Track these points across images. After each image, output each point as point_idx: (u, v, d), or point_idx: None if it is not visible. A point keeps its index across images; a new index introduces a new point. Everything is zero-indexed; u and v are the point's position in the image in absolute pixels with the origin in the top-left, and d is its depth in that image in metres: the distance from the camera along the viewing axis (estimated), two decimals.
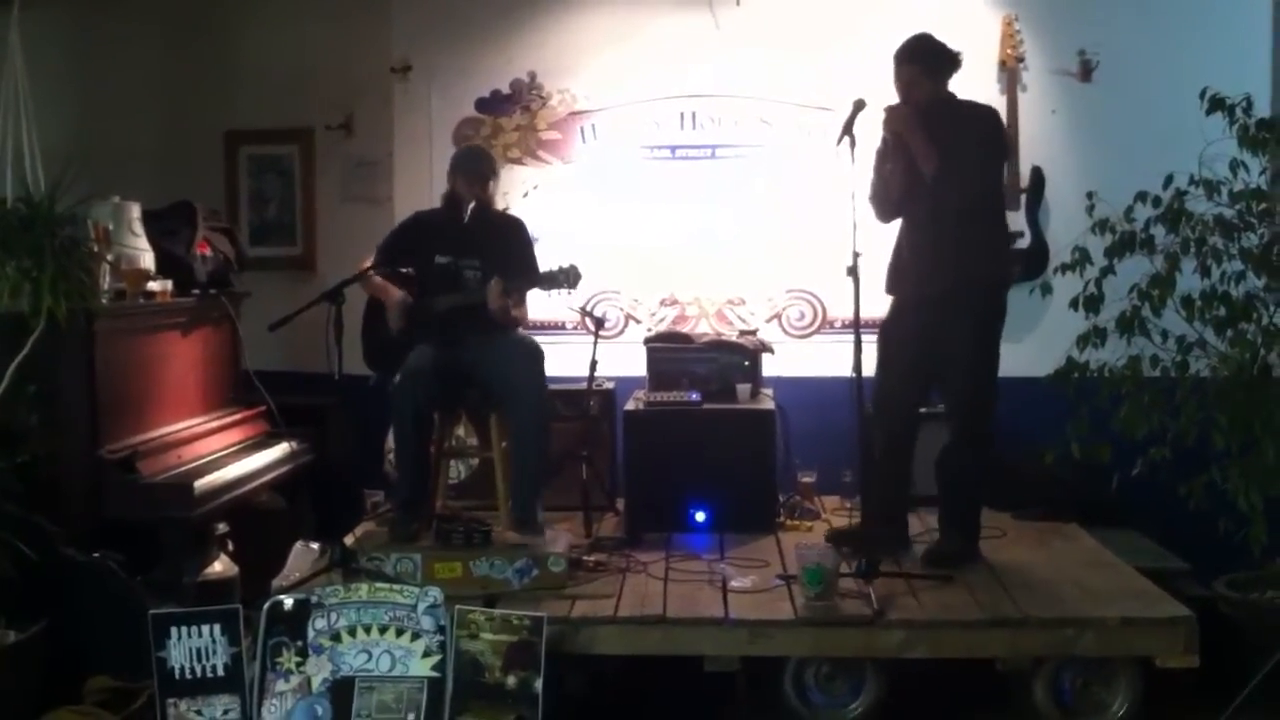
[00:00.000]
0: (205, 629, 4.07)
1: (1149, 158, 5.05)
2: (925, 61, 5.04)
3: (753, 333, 6.40)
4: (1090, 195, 5.05)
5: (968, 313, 5.02)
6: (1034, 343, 6.14)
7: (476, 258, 5.33)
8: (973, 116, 5.09)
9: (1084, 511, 5.73)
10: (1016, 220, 6.25)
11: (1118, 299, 4.91)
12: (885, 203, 5.13)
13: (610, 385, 6.22)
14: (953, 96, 5.13)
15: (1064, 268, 5.07)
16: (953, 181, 4.93)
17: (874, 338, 5.17)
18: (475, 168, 5.41)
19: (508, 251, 5.34)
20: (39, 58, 5.52)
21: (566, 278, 5.15)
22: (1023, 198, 6.26)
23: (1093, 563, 5.10)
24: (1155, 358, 4.89)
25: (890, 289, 5.20)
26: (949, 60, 5.07)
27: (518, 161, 6.60)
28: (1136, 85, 6.20)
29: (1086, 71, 6.30)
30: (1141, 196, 4.92)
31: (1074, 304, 5.02)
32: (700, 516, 5.65)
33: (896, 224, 5.22)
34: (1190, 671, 4.30)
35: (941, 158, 4.90)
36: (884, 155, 5.13)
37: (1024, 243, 6.24)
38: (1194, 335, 4.87)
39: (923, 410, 5.34)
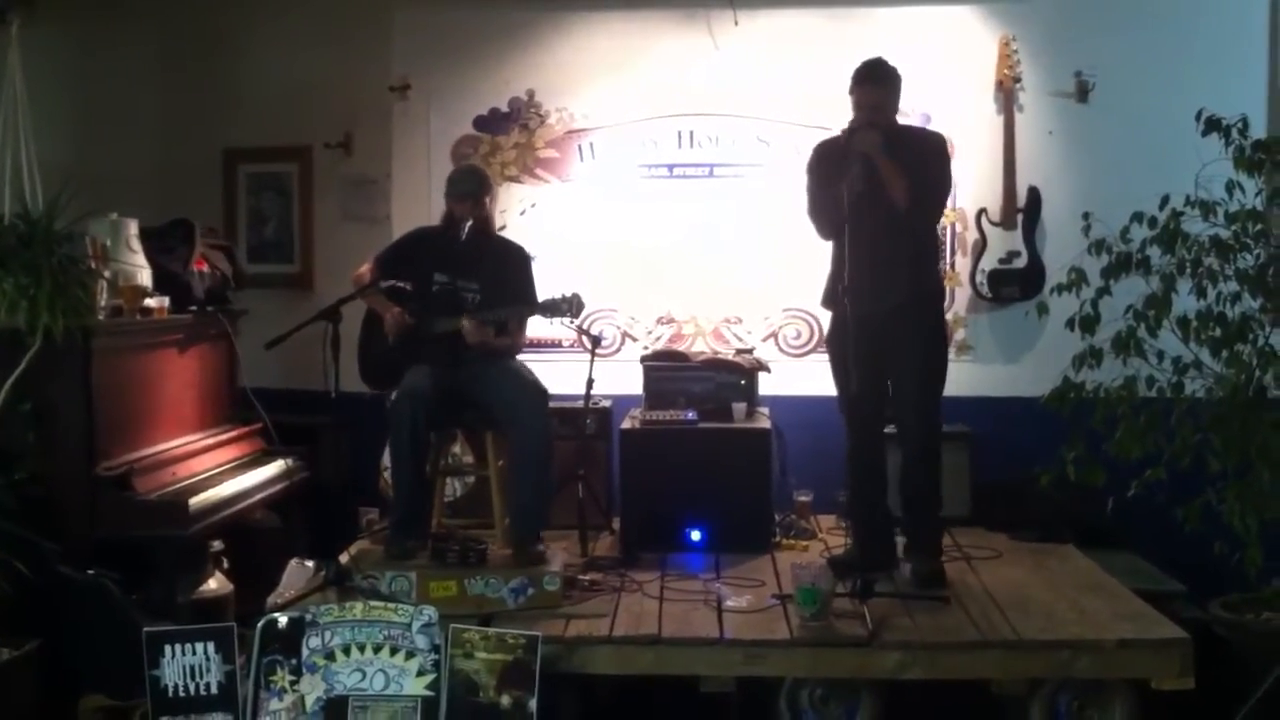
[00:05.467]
0: (199, 647, 4.07)
1: (1145, 178, 5.04)
2: (893, 85, 5.08)
3: (749, 351, 6.40)
4: (1086, 216, 5.05)
5: (920, 326, 5.10)
6: (1030, 363, 6.19)
7: (475, 280, 5.33)
8: (925, 142, 5.21)
9: (1080, 533, 5.74)
10: (1013, 240, 6.28)
11: (1114, 320, 4.90)
12: (835, 220, 5.05)
13: (606, 404, 6.22)
14: (899, 123, 5.21)
15: (1060, 288, 5.06)
16: (918, 205, 4.98)
17: None
18: (461, 188, 5.39)
19: (506, 277, 5.34)
20: (38, 75, 5.54)
21: (570, 306, 5.16)
22: (1019, 218, 6.28)
23: (1088, 584, 5.09)
24: (1151, 378, 4.88)
25: (831, 304, 5.19)
26: (899, 84, 5.11)
27: (515, 180, 6.61)
28: (1133, 106, 6.23)
29: (1083, 92, 6.32)
30: (1138, 217, 4.91)
31: (1070, 324, 5.01)
32: (696, 535, 5.65)
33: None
34: (1186, 694, 4.28)
35: (910, 182, 4.93)
36: (827, 174, 5.10)
37: (1020, 263, 6.27)
38: (1190, 356, 4.86)
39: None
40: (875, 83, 5.04)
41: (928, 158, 5.09)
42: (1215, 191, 4.77)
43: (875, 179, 4.93)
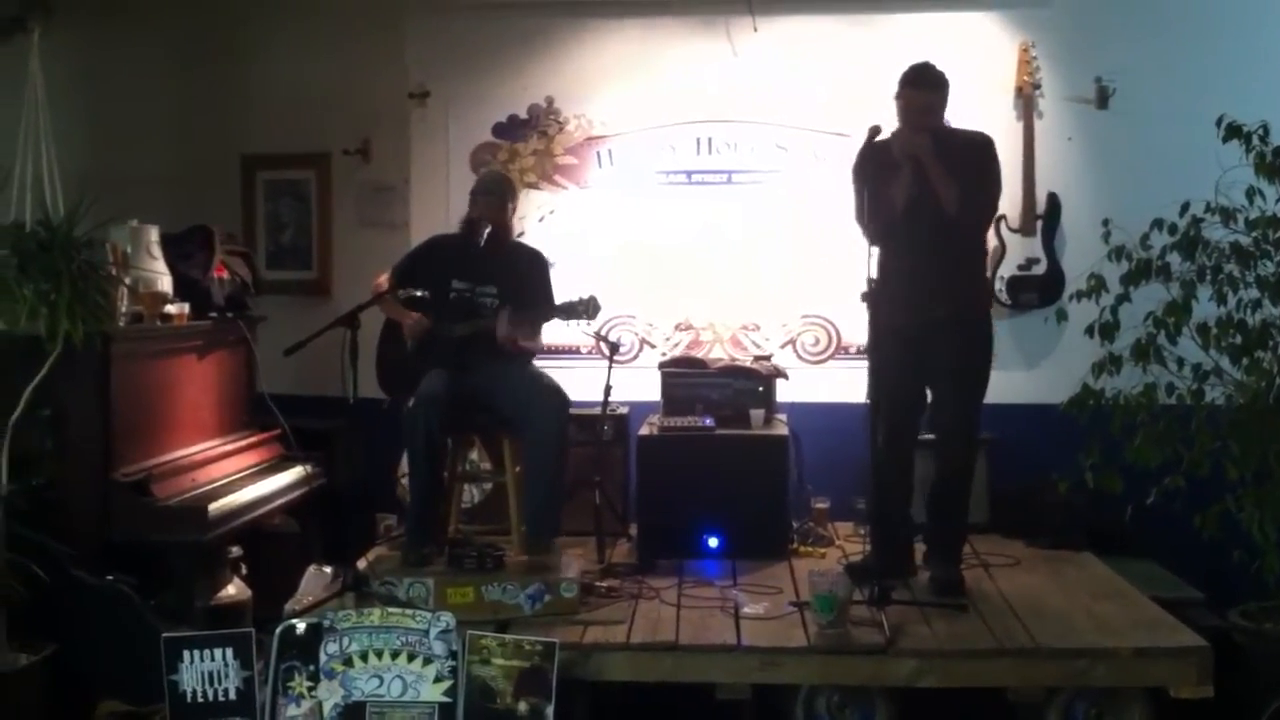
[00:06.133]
0: (218, 653, 4.07)
1: (1165, 185, 5.04)
2: (942, 88, 5.02)
3: (767, 358, 6.38)
4: (1106, 222, 5.05)
5: (968, 337, 5.05)
6: (1049, 370, 6.17)
7: (493, 285, 5.35)
8: (972, 144, 5.09)
9: (1097, 540, 5.70)
10: (1032, 247, 6.25)
11: (1133, 326, 4.89)
12: (883, 224, 5.01)
13: (624, 410, 6.20)
14: (946, 124, 5.14)
15: (1079, 295, 5.06)
16: (970, 210, 4.94)
17: None
18: (487, 189, 5.43)
19: (525, 281, 5.36)
20: (58, 83, 5.56)
21: (586, 309, 5.16)
22: (1038, 224, 6.26)
23: (1106, 592, 5.07)
24: (1171, 385, 4.87)
25: (878, 314, 5.05)
26: (948, 89, 5.06)
27: (534, 186, 6.61)
28: (1153, 112, 6.19)
29: (1103, 98, 6.29)
30: (1157, 224, 4.91)
31: (1089, 331, 5.01)
32: (713, 542, 5.63)
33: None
34: (1204, 702, 4.26)
35: (960, 187, 4.88)
36: (872, 177, 4.99)
37: (1040, 269, 6.24)
38: (1210, 363, 4.85)
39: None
40: (924, 86, 4.97)
41: (977, 160, 5.02)
42: (1235, 198, 4.76)
43: (925, 184, 4.90)
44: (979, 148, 5.08)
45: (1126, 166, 6.22)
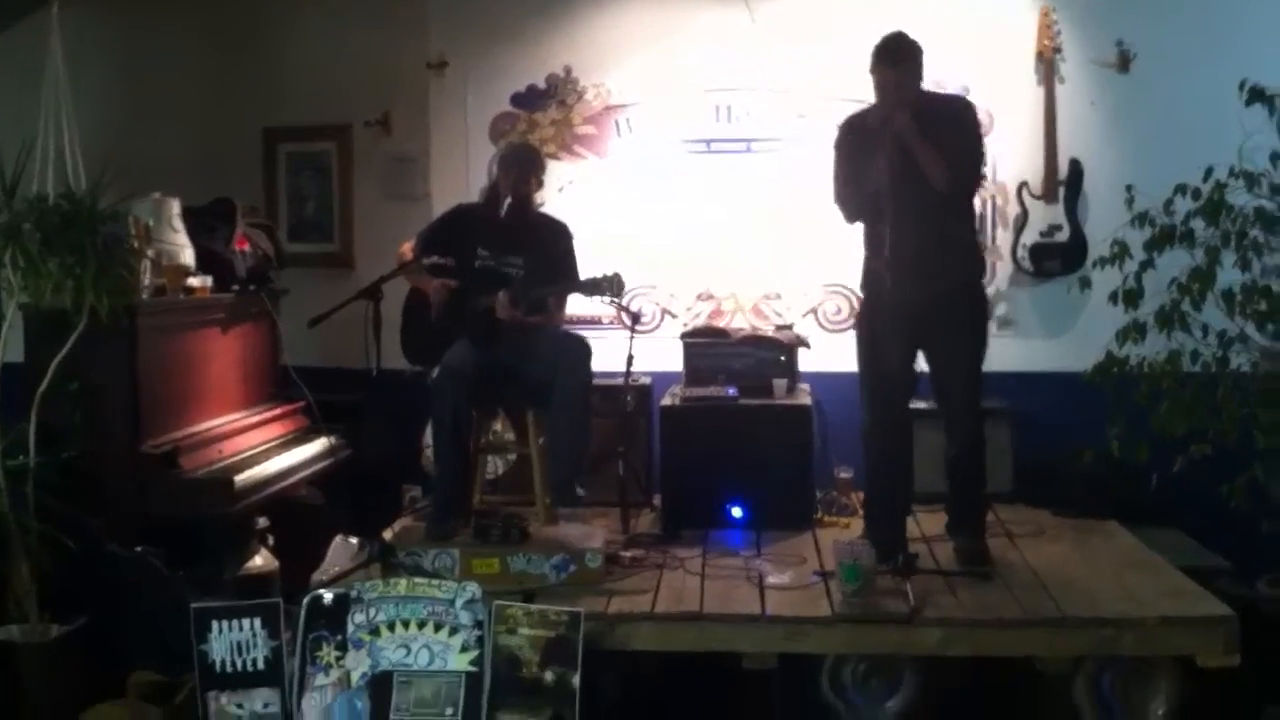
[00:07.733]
0: (246, 623, 4.11)
1: (1188, 150, 5.01)
2: (914, 61, 4.82)
3: (789, 327, 6.37)
4: (1129, 188, 5.02)
5: (966, 312, 4.94)
6: (1072, 338, 6.13)
7: (519, 256, 5.33)
8: (951, 111, 4.96)
9: (1123, 509, 5.67)
10: (1055, 213, 6.22)
11: (1157, 293, 4.88)
12: (863, 205, 4.92)
13: (646, 380, 6.21)
14: (922, 91, 4.93)
15: (1103, 261, 5.04)
16: (958, 182, 4.80)
17: None
18: (512, 163, 5.41)
19: (550, 253, 5.34)
20: (78, 56, 5.56)
21: (610, 285, 5.14)
22: (1061, 191, 6.22)
23: (1132, 561, 5.05)
24: (1195, 353, 4.86)
25: (872, 288, 4.99)
26: (923, 56, 4.87)
27: (553, 156, 6.56)
28: (1175, 76, 6.12)
29: (1125, 62, 6.23)
30: (1181, 189, 4.89)
31: (1113, 298, 4.99)
32: (737, 512, 5.63)
33: None
34: (1231, 671, 4.24)
35: (947, 161, 4.72)
36: (849, 154, 4.93)
37: (1062, 236, 6.21)
38: (1235, 330, 4.83)
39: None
40: (895, 64, 4.78)
41: (958, 127, 4.87)
42: (1259, 162, 4.74)
43: (910, 161, 4.74)
44: (959, 114, 4.96)
45: (1149, 131, 6.15)
